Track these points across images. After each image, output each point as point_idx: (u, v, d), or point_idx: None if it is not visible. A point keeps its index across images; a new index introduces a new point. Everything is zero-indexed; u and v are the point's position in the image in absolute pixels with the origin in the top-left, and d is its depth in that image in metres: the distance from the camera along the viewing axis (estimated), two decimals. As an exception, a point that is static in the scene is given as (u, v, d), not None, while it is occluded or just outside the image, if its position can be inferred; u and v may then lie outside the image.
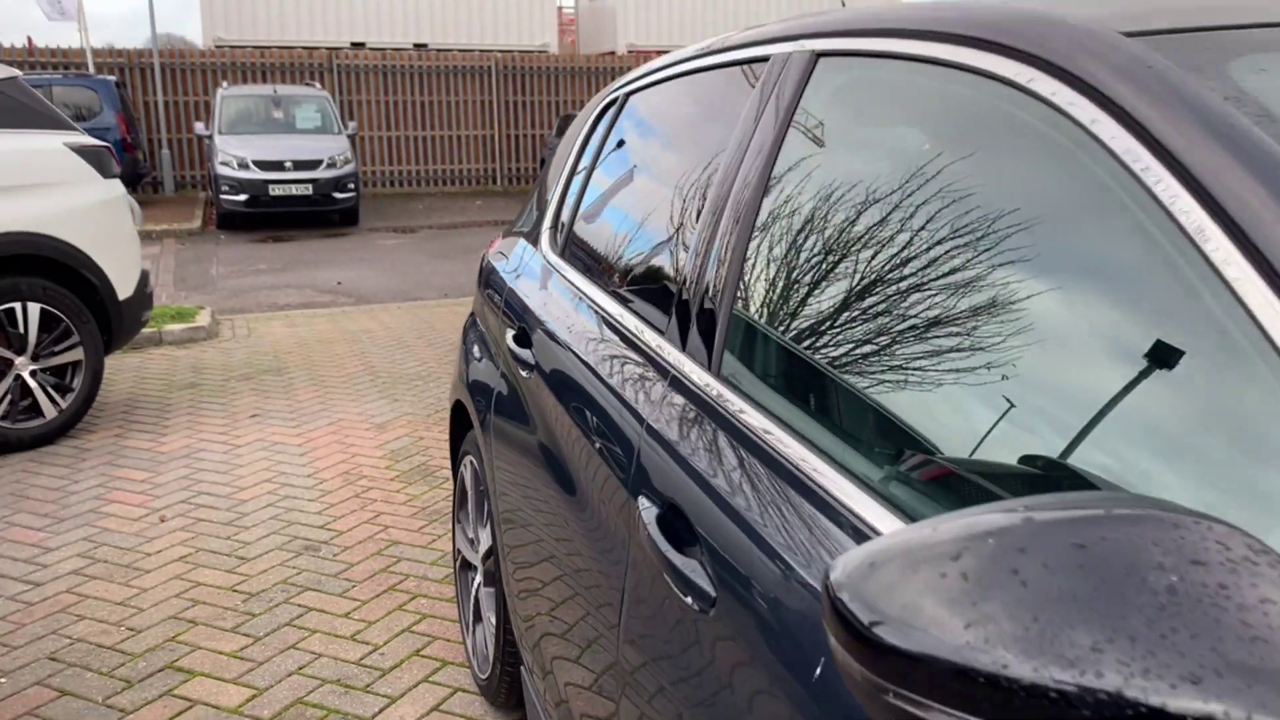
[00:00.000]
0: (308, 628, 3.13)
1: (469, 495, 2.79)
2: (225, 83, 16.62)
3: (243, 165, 13.88)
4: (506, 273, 2.68)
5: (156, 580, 3.46)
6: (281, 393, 5.87)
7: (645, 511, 1.40)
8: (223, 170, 13.90)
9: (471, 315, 3.00)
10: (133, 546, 3.73)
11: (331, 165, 14.29)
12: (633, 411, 1.58)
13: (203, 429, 5.17)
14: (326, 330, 7.70)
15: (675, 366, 1.52)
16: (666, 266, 1.73)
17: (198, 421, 5.30)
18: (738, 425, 1.31)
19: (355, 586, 3.41)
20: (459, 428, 2.97)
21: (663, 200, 1.87)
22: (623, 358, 1.72)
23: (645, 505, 1.42)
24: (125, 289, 5.18)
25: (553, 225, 2.52)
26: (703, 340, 1.48)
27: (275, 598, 3.33)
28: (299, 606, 3.27)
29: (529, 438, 2.10)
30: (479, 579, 2.73)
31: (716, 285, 1.49)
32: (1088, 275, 0.93)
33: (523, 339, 2.27)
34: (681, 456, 1.38)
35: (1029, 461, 0.92)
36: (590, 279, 2.10)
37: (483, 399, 2.54)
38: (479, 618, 2.75)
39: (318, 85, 16.99)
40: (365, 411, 5.48)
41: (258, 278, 10.45)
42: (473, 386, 2.68)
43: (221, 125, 14.70)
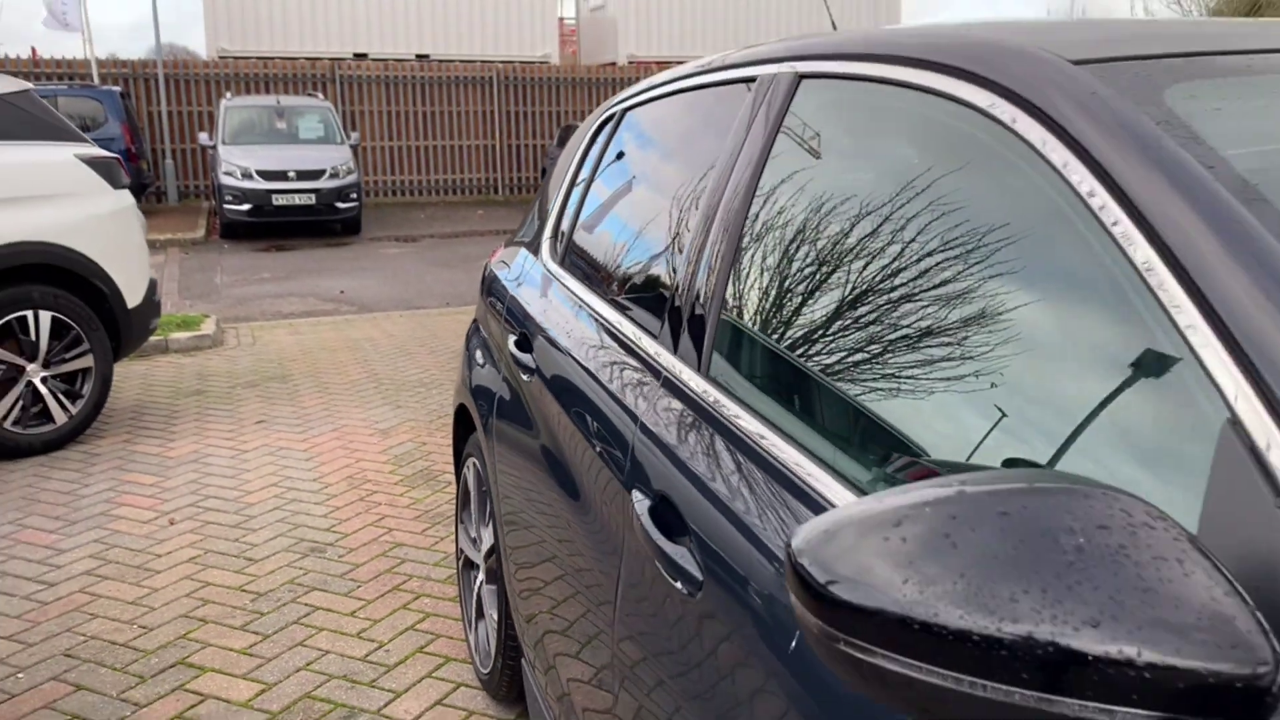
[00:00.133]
0: (315, 626, 3.23)
1: (472, 496, 2.88)
2: (229, 93, 16.76)
3: (246, 175, 14.00)
4: (508, 281, 2.78)
5: (167, 580, 3.56)
6: (286, 399, 5.97)
7: (639, 504, 1.50)
8: (226, 180, 14.02)
9: (474, 322, 3.10)
10: (143, 548, 3.83)
11: (334, 175, 14.41)
12: (628, 411, 1.67)
13: (210, 435, 5.26)
14: (330, 338, 7.80)
15: (667, 369, 1.62)
16: (660, 274, 1.83)
17: (204, 427, 5.39)
18: (724, 423, 1.40)
19: (360, 586, 3.51)
20: (462, 431, 3.06)
21: (657, 211, 1.97)
22: (619, 361, 1.82)
23: (639, 498, 1.51)
24: (134, 297, 5.29)
25: (553, 235, 2.62)
26: (693, 343, 1.58)
27: (283, 597, 3.42)
28: (306, 606, 3.36)
29: (530, 438, 2.19)
30: (481, 577, 2.82)
31: (706, 292, 1.59)
32: (1039, 285, 1.02)
33: (524, 344, 2.37)
34: (672, 452, 1.48)
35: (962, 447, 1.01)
36: (589, 287, 2.20)
37: (485, 403, 2.64)
38: (481, 615, 2.84)
39: (321, 96, 17.12)
40: (369, 417, 5.58)
41: (261, 286, 10.56)
42: (476, 391, 2.77)
43: (225, 135, 14.83)
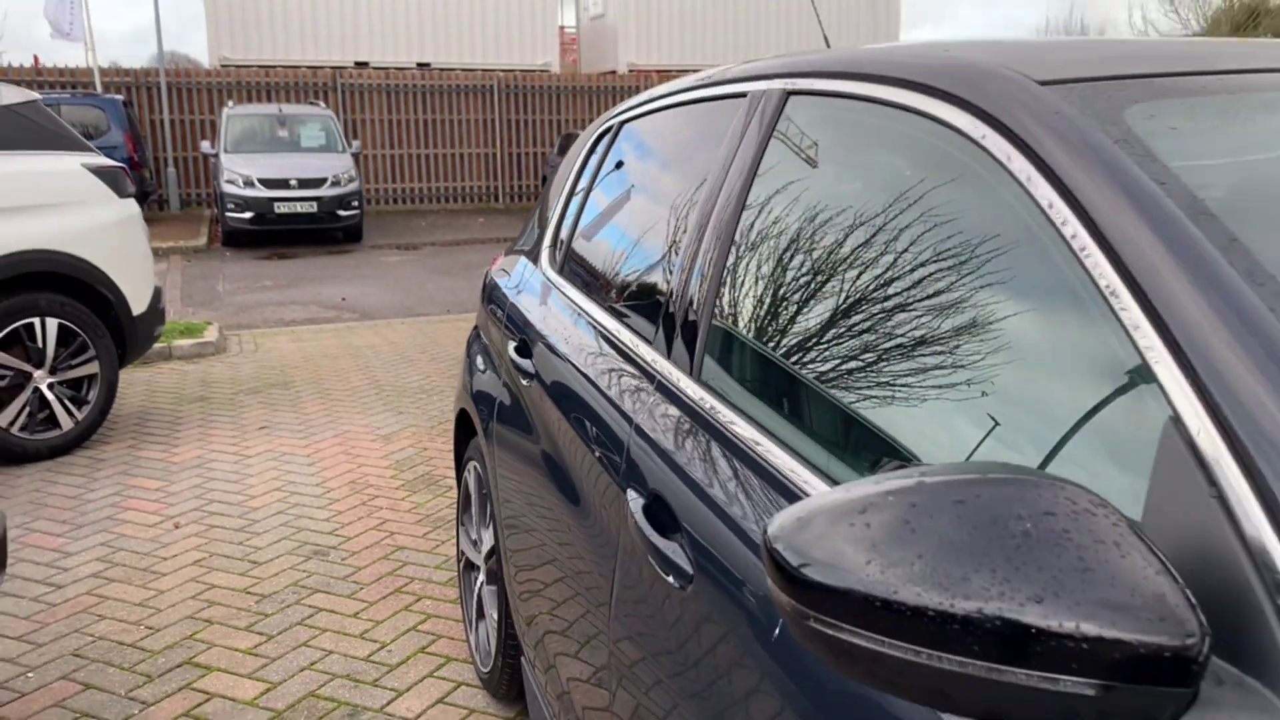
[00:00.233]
0: (318, 627, 3.29)
1: (472, 499, 2.94)
2: (231, 102, 16.85)
3: (248, 183, 14.08)
4: (508, 289, 2.85)
5: (173, 583, 3.62)
6: (289, 406, 6.04)
7: (633, 502, 1.57)
8: (228, 188, 14.10)
9: (475, 329, 3.17)
10: (149, 551, 3.89)
11: (336, 183, 14.49)
12: (623, 414, 1.74)
13: (213, 440, 5.33)
14: (332, 345, 7.87)
15: (661, 373, 1.68)
16: (655, 282, 1.89)
17: (208, 433, 5.46)
18: (715, 425, 1.47)
19: (363, 589, 3.57)
20: (463, 435, 3.13)
21: (652, 221, 2.04)
22: (615, 365, 1.89)
23: (633, 497, 1.58)
24: (139, 305, 5.36)
25: (552, 244, 2.69)
26: (686, 348, 1.65)
27: (287, 599, 3.49)
28: (309, 607, 3.43)
29: (529, 441, 2.26)
30: (482, 578, 2.88)
31: (699, 299, 1.65)
32: (1009, 292, 1.09)
33: (523, 350, 2.44)
34: (665, 453, 1.55)
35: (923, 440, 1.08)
36: (586, 294, 2.26)
37: (486, 407, 2.70)
38: (481, 615, 2.90)
39: (322, 104, 17.22)
40: (371, 423, 5.64)
41: (263, 294, 10.63)
42: (476, 396, 2.84)
43: (227, 144, 14.91)
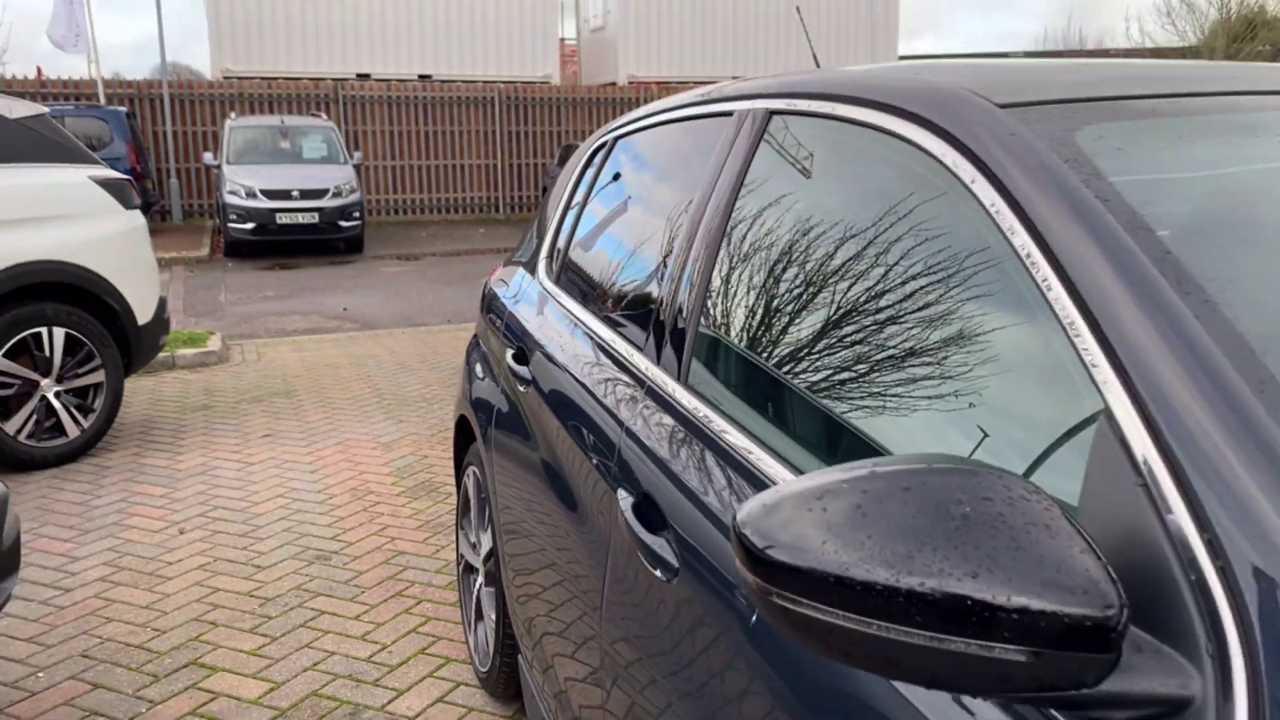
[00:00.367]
0: (321, 629, 3.36)
1: (471, 503, 3.02)
2: (233, 113, 16.98)
3: (250, 194, 14.19)
4: (507, 298, 2.93)
5: (178, 586, 3.69)
6: (291, 414, 6.12)
7: (623, 501, 1.65)
8: (231, 199, 14.21)
9: (474, 338, 3.25)
10: (155, 556, 3.97)
11: (337, 194, 14.61)
12: (615, 418, 1.82)
13: (217, 448, 5.41)
14: (333, 355, 7.96)
15: (651, 378, 1.77)
16: (646, 291, 1.98)
17: (212, 441, 5.54)
18: (701, 427, 1.55)
19: (364, 592, 3.64)
20: (462, 441, 3.21)
21: (644, 232, 2.13)
22: (608, 372, 1.97)
23: (624, 496, 1.66)
24: (145, 314, 5.44)
25: (549, 255, 2.78)
26: (674, 354, 1.73)
27: (290, 602, 3.56)
28: (312, 610, 3.50)
29: (526, 445, 2.34)
30: (480, 580, 2.96)
31: (687, 307, 1.74)
32: (967, 297, 1.17)
33: (521, 357, 2.52)
34: (654, 454, 1.63)
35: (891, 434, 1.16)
36: (581, 303, 2.35)
37: (485, 414, 2.79)
38: (480, 616, 2.98)
39: (324, 116, 17.35)
40: (372, 431, 5.72)
41: (265, 304, 10.72)
42: (476, 403, 2.92)
43: (230, 155, 15.03)
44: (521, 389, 2.44)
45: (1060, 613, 0.76)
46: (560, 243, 2.72)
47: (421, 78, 21.63)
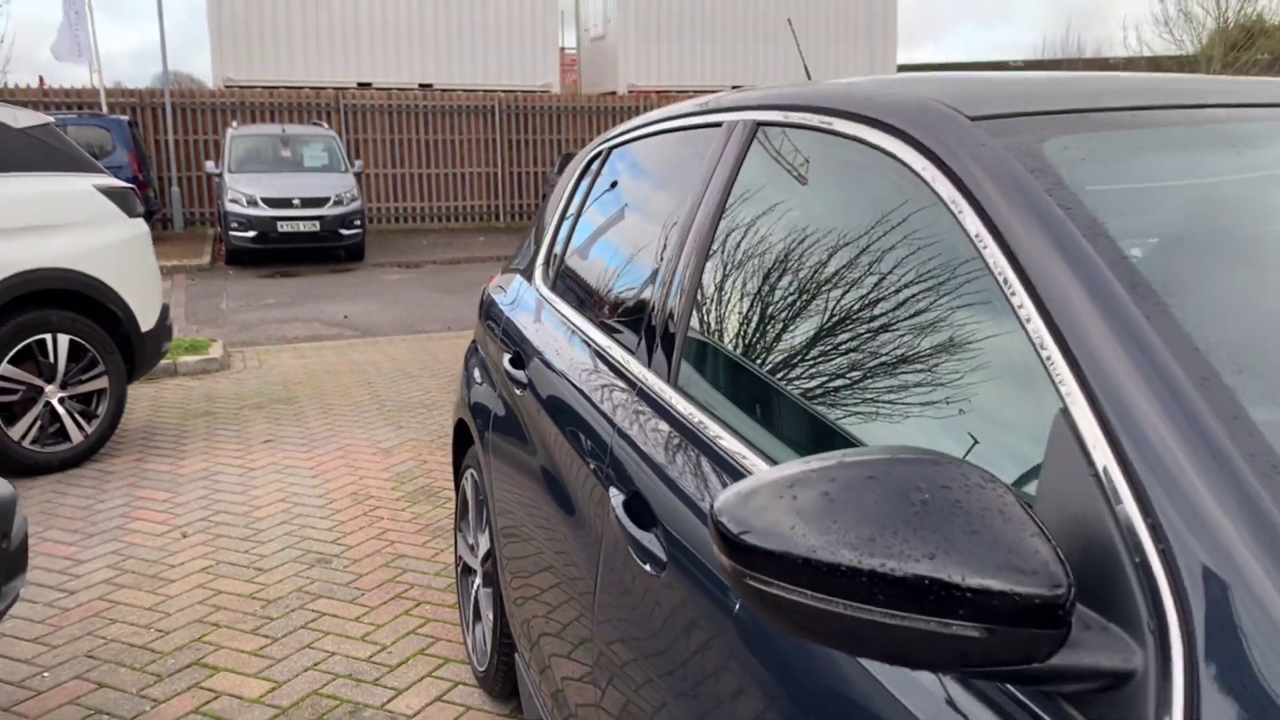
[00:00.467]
0: (321, 630, 3.42)
1: (470, 505, 3.08)
2: (235, 122, 17.06)
3: (252, 202, 14.27)
4: (504, 304, 2.99)
5: (181, 589, 3.75)
6: (292, 420, 6.18)
7: (615, 499, 1.70)
8: (232, 207, 14.29)
9: (473, 343, 3.31)
10: (158, 559, 4.02)
11: (338, 202, 14.68)
12: (607, 419, 1.88)
13: (219, 453, 5.46)
14: (334, 362, 8.01)
15: (642, 380, 1.82)
16: (638, 296, 2.04)
17: (214, 446, 5.60)
18: (689, 427, 1.61)
19: (364, 594, 3.70)
20: (461, 445, 3.26)
21: (637, 239, 2.19)
22: (601, 374, 2.03)
23: (615, 494, 1.72)
24: (148, 321, 5.51)
25: (545, 262, 2.84)
26: (665, 357, 1.79)
27: (291, 604, 3.62)
28: (313, 612, 3.56)
29: (523, 448, 2.40)
30: (478, 581, 3.01)
31: (677, 311, 1.79)
32: (935, 298, 1.23)
33: (518, 362, 2.58)
34: (644, 453, 1.68)
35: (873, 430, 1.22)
36: (576, 308, 2.41)
37: (482, 418, 2.84)
38: (478, 617, 3.03)
39: (325, 125, 17.45)
40: (372, 437, 5.78)
41: (266, 312, 10.79)
42: (474, 407, 2.98)
43: (231, 164, 15.11)
44: (518, 393, 2.49)
45: (1012, 592, 0.82)
46: (556, 250, 2.78)
47: (422, 86, 21.74)
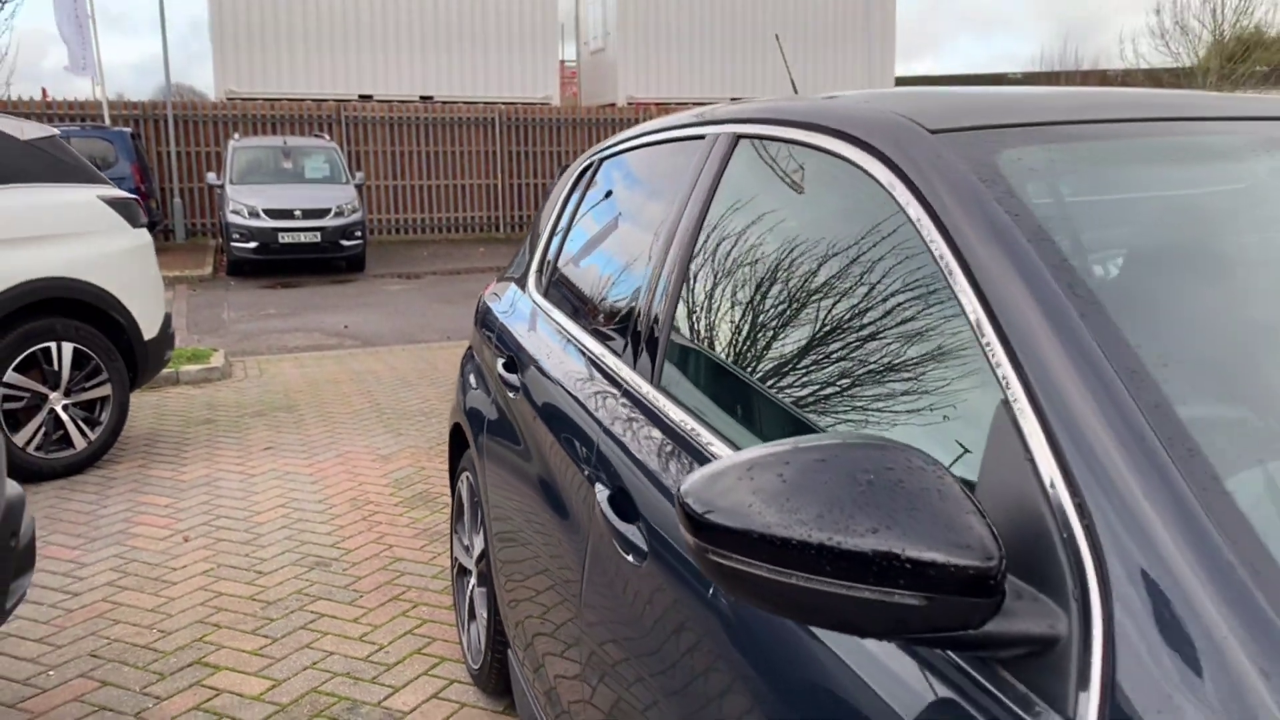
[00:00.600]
0: (320, 630, 3.49)
1: (465, 507, 3.16)
2: (237, 134, 17.18)
3: (253, 214, 14.37)
4: (499, 312, 3.08)
5: (183, 591, 3.82)
6: (293, 428, 6.26)
7: (600, 494, 1.78)
8: (234, 219, 14.39)
9: (469, 350, 3.39)
10: (160, 562, 4.10)
11: (339, 214, 14.79)
12: (595, 419, 1.96)
13: (220, 460, 5.54)
14: (334, 371, 8.10)
15: (627, 381, 1.91)
16: (625, 301, 2.12)
17: (215, 453, 5.67)
18: (670, 425, 1.69)
19: (363, 596, 3.77)
20: (457, 449, 3.34)
21: (625, 247, 2.27)
22: (590, 376, 2.11)
23: (601, 490, 1.80)
24: (150, 330, 5.59)
25: (538, 269, 2.92)
26: (649, 359, 1.87)
27: (291, 605, 3.69)
28: (312, 613, 3.63)
29: (516, 449, 2.48)
30: (473, 581, 3.09)
31: (662, 315, 1.88)
32: (894, 298, 1.31)
33: (511, 366, 2.66)
34: (628, 450, 1.76)
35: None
36: (567, 314, 2.49)
37: (477, 421, 2.92)
38: (473, 616, 3.10)
39: (326, 137, 17.55)
40: (371, 444, 5.86)
41: (267, 322, 10.88)
42: (469, 412, 3.06)
43: (233, 175, 15.22)
44: (511, 396, 2.57)
45: (947, 563, 0.89)
46: (549, 259, 2.86)
47: (423, 99, 21.89)
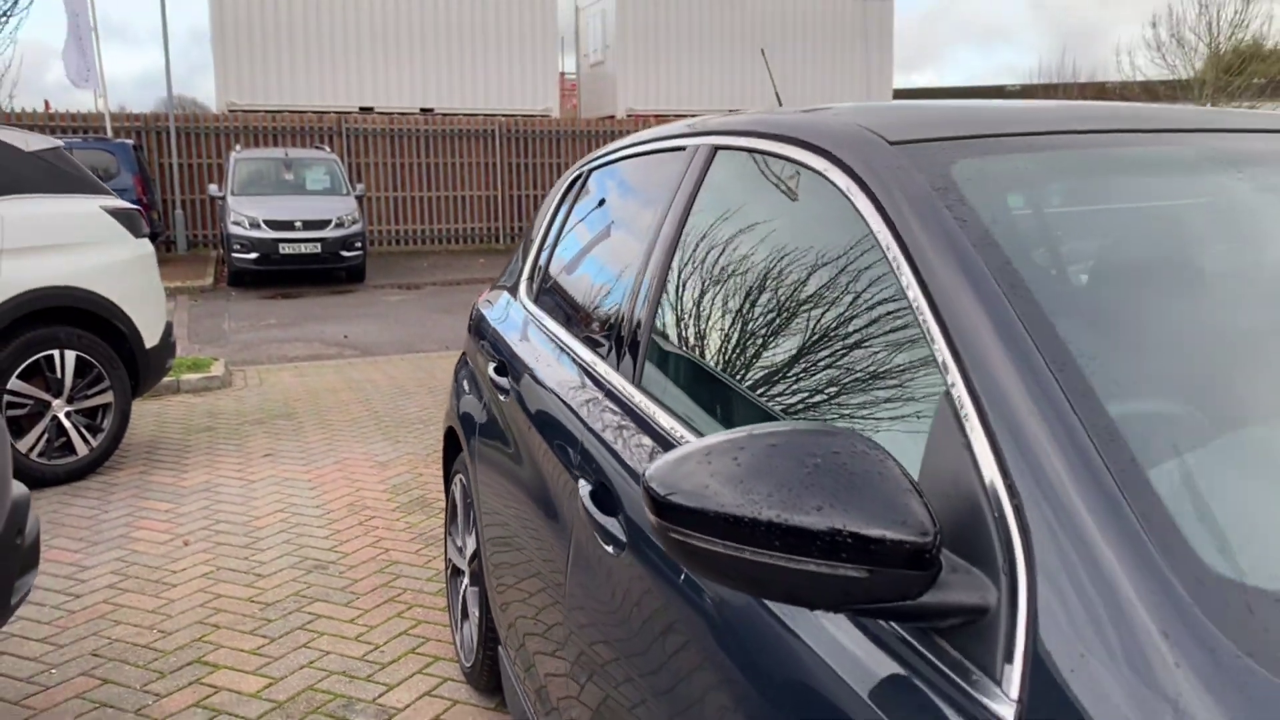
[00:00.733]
0: (317, 631, 3.56)
1: (458, 508, 3.24)
2: (238, 146, 17.31)
3: (254, 225, 14.47)
4: (492, 319, 3.16)
5: (183, 593, 3.90)
6: (292, 435, 6.33)
7: (583, 488, 1.86)
8: (235, 230, 14.50)
9: (463, 356, 3.48)
10: (160, 565, 4.17)
11: (340, 225, 14.89)
12: (580, 418, 2.04)
13: (220, 466, 5.62)
14: (333, 380, 8.18)
15: (610, 381, 1.99)
16: (610, 306, 2.20)
17: (215, 460, 5.75)
18: (649, 422, 1.77)
19: (359, 598, 3.85)
20: (451, 453, 3.42)
21: (609, 256, 2.36)
22: (576, 378, 2.19)
23: (584, 485, 1.88)
24: (152, 338, 5.68)
25: (529, 277, 3.01)
26: (631, 359, 1.95)
27: (288, 607, 3.76)
28: (309, 614, 3.70)
29: (506, 449, 2.56)
30: (466, 581, 3.16)
31: (643, 319, 1.96)
32: (857, 300, 1.39)
33: (502, 370, 2.74)
34: (610, 447, 1.84)
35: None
36: (555, 319, 2.57)
37: (469, 425, 3.00)
38: (466, 616, 3.18)
39: (327, 148, 17.68)
40: (369, 451, 5.94)
41: (268, 332, 10.97)
42: (462, 416, 3.14)
43: (234, 186, 15.32)
44: (502, 399, 2.65)
45: (886, 538, 0.97)
46: (540, 266, 2.95)
47: (423, 111, 22.01)
